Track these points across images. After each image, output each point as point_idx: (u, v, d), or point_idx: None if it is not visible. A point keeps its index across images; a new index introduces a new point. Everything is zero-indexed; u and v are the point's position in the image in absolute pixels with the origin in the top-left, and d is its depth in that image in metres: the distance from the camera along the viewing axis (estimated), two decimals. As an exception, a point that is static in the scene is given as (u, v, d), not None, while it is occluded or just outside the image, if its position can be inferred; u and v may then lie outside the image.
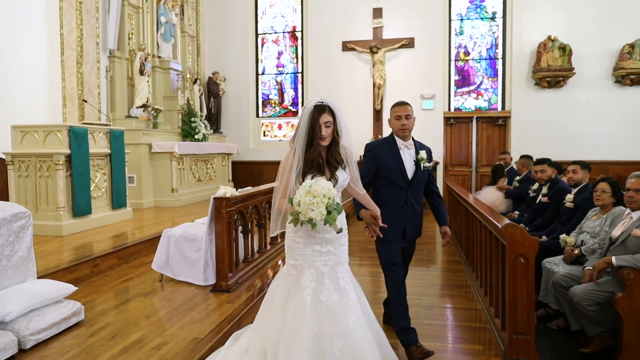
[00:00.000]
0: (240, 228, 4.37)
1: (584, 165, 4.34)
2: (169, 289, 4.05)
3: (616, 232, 3.17)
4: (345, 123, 2.57)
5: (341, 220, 2.57)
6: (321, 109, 2.45)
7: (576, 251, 3.59)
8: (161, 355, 2.72)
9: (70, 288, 3.26)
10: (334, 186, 2.40)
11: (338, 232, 2.35)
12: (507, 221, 3.19)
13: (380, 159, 3.08)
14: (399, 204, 3.06)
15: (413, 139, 3.15)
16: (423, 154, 3.06)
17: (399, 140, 3.08)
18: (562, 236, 3.79)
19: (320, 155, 2.50)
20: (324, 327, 2.44)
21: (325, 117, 2.44)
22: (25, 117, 6.46)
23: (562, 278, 3.39)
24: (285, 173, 2.47)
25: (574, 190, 4.35)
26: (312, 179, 2.37)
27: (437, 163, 3.11)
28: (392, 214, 3.01)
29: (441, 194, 3.53)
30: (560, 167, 5.16)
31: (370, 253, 5.89)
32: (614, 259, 3.00)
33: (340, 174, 2.50)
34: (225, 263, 3.92)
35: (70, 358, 2.68)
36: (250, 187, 4.87)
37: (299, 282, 2.49)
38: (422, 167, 3.05)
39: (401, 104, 3.11)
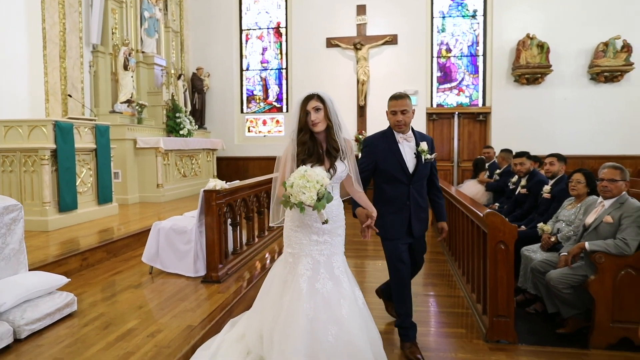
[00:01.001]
0: (229, 221, 4.45)
1: (561, 157, 4.54)
2: (159, 280, 4.10)
3: (589, 219, 3.35)
4: (342, 118, 2.63)
5: (338, 211, 2.68)
6: (309, 96, 2.55)
7: (553, 239, 3.77)
8: (156, 342, 2.79)
9: (63, 279, 3.29)
10: (331, 177, 2.50)
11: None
12: (488, 210, 3.35)
13: (378, 154, 3.00)
14: (401, 200, 2.98)
15: (413, 130, 3.04)
16: (424, 145, 2.94)
17: (397, 134, 2.98)
18: (540, 225, 3.97)
19: (320, 145, 2.58)
20: (318, 314, 2.52)
21: (313, 103, 2.53)
22: (4, 112, 6.36)
23: (539, 264, 3.57)
24: (284, 163, 2.55)
25: (551, 182, 4.54)
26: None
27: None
28: (395, 210, 2.97)
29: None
30: (538, 159, 5.36)
31: (356, 245, 6.03)
32: (587, 244, 3.18)
33: (339, 165, 2.58)
34: (215, 254, 3.99)
35: (66, 347, 2.73)
36: (238, 181, 4.94)
37: (296, 270, 2.57)
38: (423, 160, 2.94)
39: (397, 97, 2.98)
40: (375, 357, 2.62)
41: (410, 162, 2.96)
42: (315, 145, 2.56)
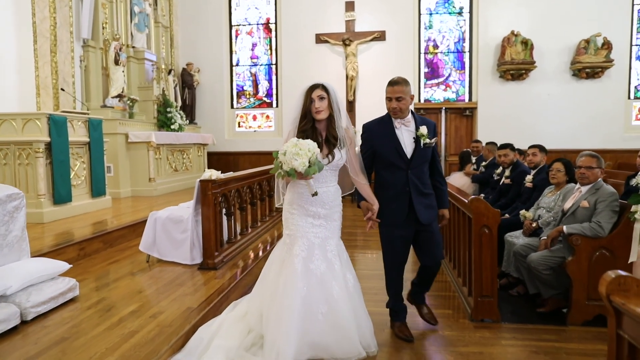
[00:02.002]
0: (224, 210, 4.57)
1: (542, 148, 4.75)
2: (156, 268, 4.21)
3: (567, 204, 3.55)
4: (344, 109, 2.81)
5: (335, 196, 2.85)
6: (315, 85, 2.74)
7: (534, 224, 3.97)
8: (159, 322, 2.92)
9: (65, 265, 3.39)
10: (329, 163, 2.68)
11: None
12: (472, 196, 3.53)
13: (375, 140, 2.98)
14: (399, 186, 2.93)
15: (414, 114, 2.99)
16: (423, 129, 2.88)
17: (395, 119, 2.94)
18: (522, 212, 4.17)
19: (320, 133, 2.75)
20: (311, 293, 2.70)
21: (318, 92, 2.71)
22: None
23: (521, 248, 3.77)
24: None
25: (533, 172, 4.75)
26: None
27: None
28: (393, 196, 2.94)
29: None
30: (522, 152, 5.57)
31: (346, 236, 6.18)
32: (564, 227, 3.38)
33: (337, 153, 2.75)
34: (211, 242, 4.12)
35: (72, 327, 2.85)
36: (232, 172, 5.06)
37: (292, 250, 2.74)
38: (422, 144, 2.88)
39: (392, 83, 2.91)
40: (361, 339, 2.78)
41: (409, 147, 2.90)
42: (315, 133, 2.73)
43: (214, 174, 4.13)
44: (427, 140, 2.88)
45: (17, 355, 2.47)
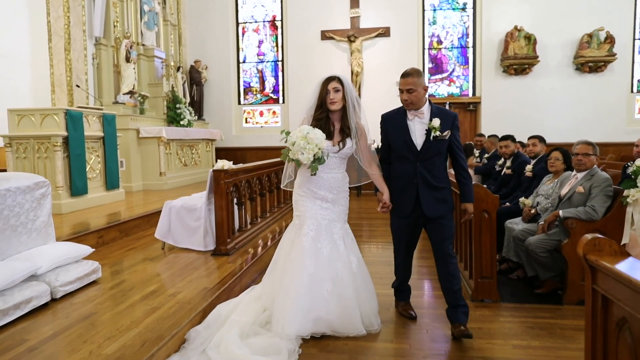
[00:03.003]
0: (235, 200, 4.77)
1: (541, 139, 4.92)
2: (171, 255, 4.42)
3: (564, 190, 3.72)
4: (362, 106, 3.02)
5: (343, 183, 3.07)
6: (331, 78, 2.94)
7: (532, 211, 4.13)
8: (178, 300, 3.12)
9: (88, 249, 3.61)
10: (339, 150, 2.89)
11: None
12: (473, 183, 3.70)
13: (388, 131, 3.02)
14: (408, 178, 2.94)
15: (432, 105, 2.94)
16: (435, 122, 2.82)
17: (409, 111, 2.93)
18: (521, 199, 4.34)
19: (332, 123, 2.96)
20: (318, 271, 2.91)
21: (334, 84, 2.91)
22: (7, 103, 6.57)
23: (520, 233, 3.94)
24: None
25: (533, 162, 4.91)
26: None
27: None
28: (402, 188, 2.98)
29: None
30: (523, 144, 5.73)
31: (351, 227, 6.37)
32: (561, 212, 3.55)
33: (348, 141, 2.97)
34: (224, 229, 4.32)
35: (98, 304, 3.06)
36: (241, 164, 5.25)
37: (301, 230, 2.96)
38: (431, 137, 2.85)
39: (404, 75, 2.90)
40: (364, 317, 2.98)
41: (419, 139, 2.88)
42: (328, 123, 2.94)
43: (226, 164, 4.32)
44: (438, 133, 2.82)
45: (51, 326, 2.68)
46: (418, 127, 2.89)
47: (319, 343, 2.87)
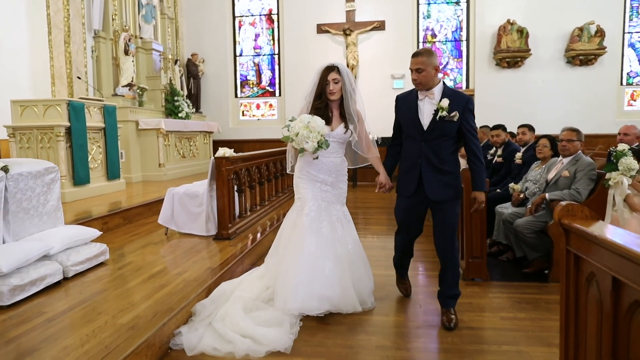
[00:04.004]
0: (235, 187, 4.92)
1: (530, 127, 5.11)
2: (175, 240, 4.58)
3: (551, 175, 3.91)
4: (359, 92, 3.12)
5: (342, 167, 3.21)
6: (330, 68, 3.05)
7: (521, 195, 4.32)
8: (184, 278, 3.29)
9: (96, 232, 3.77)
10: (342, 134, 3.05)
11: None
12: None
13: (399, 111, 3.05)
14: (413, 157, 2.91)
15: (445, 86, 2.88)
16: (444, 102, 2.76)
17: (420, 91, 2.90)
18: (511, 185, 4.52)
19: (331, 110, 3.10)
20: (319, 249, 3.06)
21: (334, 75, 3.03)
22: (7, 94, 6.67)
23: (509, 216, 4.13)
24: None
25: (523, 149, 5.10)
26: None
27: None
28: (407, 168, 2.96)
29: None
30: (513, 134, 5.92)
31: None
32: (547, 195, 3.74)
33: (345, 127, 3.11)
34: (226, 215, 4.48)
35: (108, 282, 3.23)
36: (241, 153, 5.40)
37: (302, 211, 3.11)
38: (437, 117, 2.79)
39: (413, 55, 2.88)
40: (358, 295, 3.14)
41: (426, 119, 2.84)
42: (326, 110, 3.07)
43: (228, 152, 4.48)
44: (445, 113, 2.75)
45: (66, 301, 2.84)
46: (427, 107, 2.84)
47: (318, 316, 3.04)
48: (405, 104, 2.95)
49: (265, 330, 2.72)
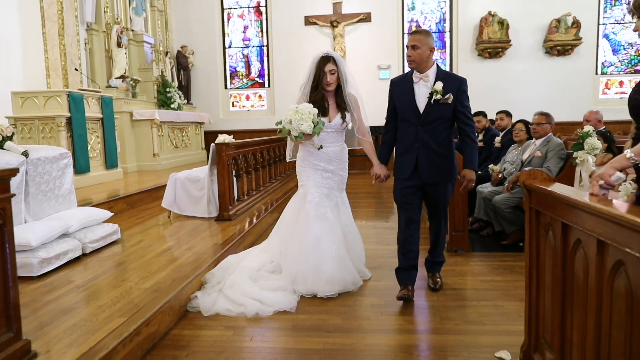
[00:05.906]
0: (234, 172, 5.22)
1: (508, 113, 5.51)
2: (178, 222, 4.87)
3: (525, 155, 4.30)
4: (351, 74, 3.25)
5: (342, 154, 3.36)
6: (326, 59, 3.14)
7: (500, 176, 4.70)
8: (194, 252, 3.60)
9: (108, 213, 4.04)
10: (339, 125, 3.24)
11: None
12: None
13: (395, 94, 3.04)
14: (409, 140, 2.93)
15: (439, 69, 2.90)
16: (438, 85, 2.78)
17: (415, 74, 2.91)
18: (490, 166, 4.91)
19: (326, 100, 3.21)
20: (324, 234, 3.23)
21: (330, 66, 3.12)
22: (1, 87, 6.83)
23: (489, 193, 4.51)
24: None
25: (501, 134, 5.49)
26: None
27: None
28: (404, 151, 2.98)
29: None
30: (493, 120, 6.31)
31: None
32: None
33: (342, 117, 3.24)
34: (226, 197, 4.78)
35: (125, 256, 3.52)
36: (240, 140, 5.68)
37: (306, 198, 3.31)
38: (432, 100, 2.81)
39: (412, 32, 2.92)
40: (358, 270, 3.42)
41: (422, 103, 2.85)
42: (323, 101, 3.20)
43: (227, 138, 4.76)
44: (439, 96, 2.78)
45: (89, 272, 3.13)
46: (422, 91, 2.85)
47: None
48: (401, 88, 2.97)
49: (272, 294, 3.03)
